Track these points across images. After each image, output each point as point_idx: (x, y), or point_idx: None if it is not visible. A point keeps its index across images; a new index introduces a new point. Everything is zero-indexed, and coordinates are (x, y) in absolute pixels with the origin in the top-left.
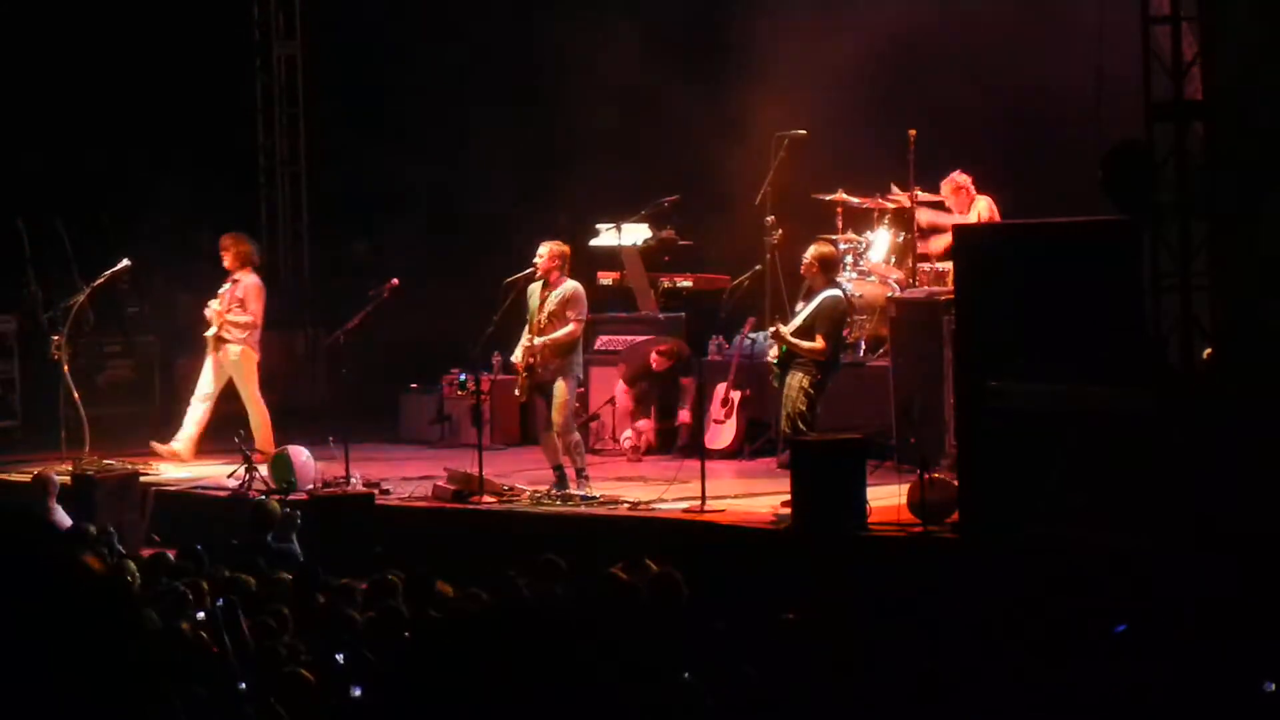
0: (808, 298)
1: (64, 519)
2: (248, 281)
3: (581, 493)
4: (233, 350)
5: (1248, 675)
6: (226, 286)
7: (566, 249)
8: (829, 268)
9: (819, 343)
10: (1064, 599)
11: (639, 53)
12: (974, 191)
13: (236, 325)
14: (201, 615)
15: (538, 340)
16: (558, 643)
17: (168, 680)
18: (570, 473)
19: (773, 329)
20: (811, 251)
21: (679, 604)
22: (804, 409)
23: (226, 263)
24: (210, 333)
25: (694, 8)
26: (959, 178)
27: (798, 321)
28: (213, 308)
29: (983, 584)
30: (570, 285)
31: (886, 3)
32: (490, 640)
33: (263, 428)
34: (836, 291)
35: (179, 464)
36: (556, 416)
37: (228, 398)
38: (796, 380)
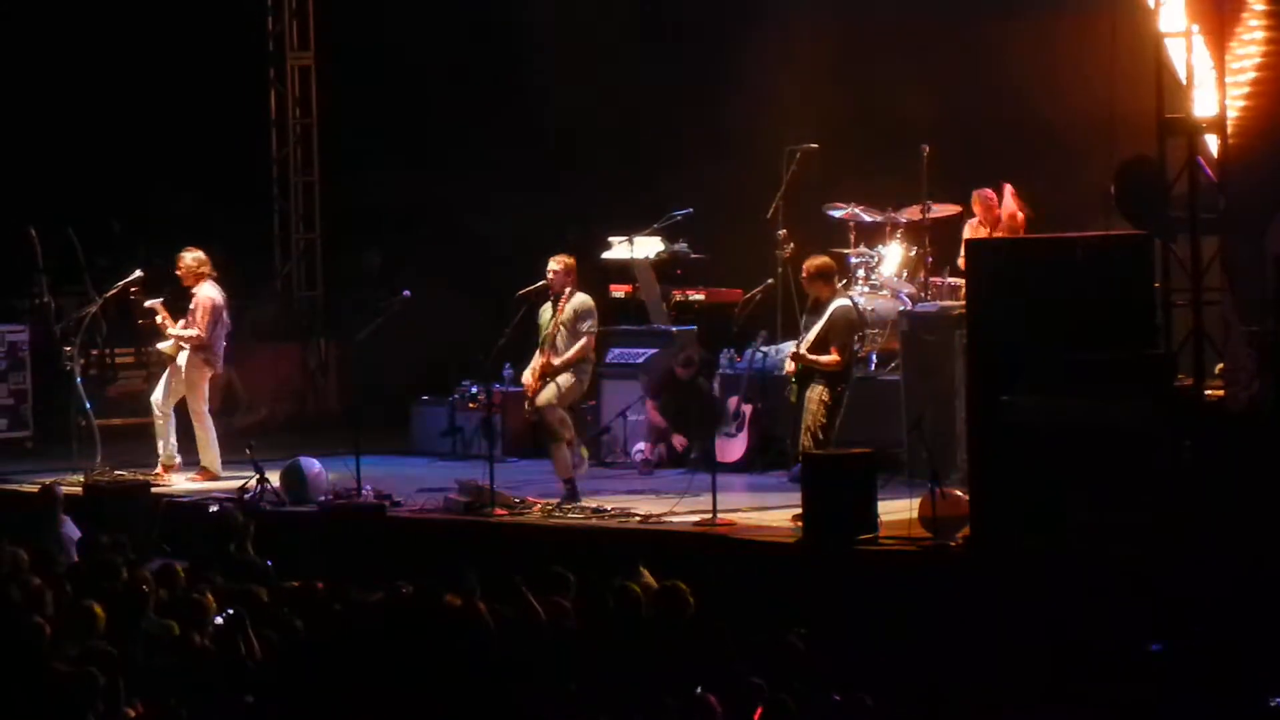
0: (816, 311)
1: (73, 531)
2: (200, 295)
3: (594, 505)
4: (183, 359)
5: (1256, 690)
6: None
7: (574, 261)
8: (827, 277)
9: (834, 355)
10: (1075, 613)
11: (651, 65)
12: (999, 206)
13: (182, 339)
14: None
15: (554, 360)
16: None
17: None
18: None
19: (791, 353)
20: (805, 267)
21: (685, 617)
22: (824, 422)
23: (186, 280)
24: (166, 345)
25: (705, 19)
26: (988, 193)
27: (810, 336)
28: (165, 324)
29: (994, 598)
30: (581, 297)
31: (901, 17)
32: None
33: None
34: (845, 301)
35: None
36: (549, 396)
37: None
38: (816, 394)
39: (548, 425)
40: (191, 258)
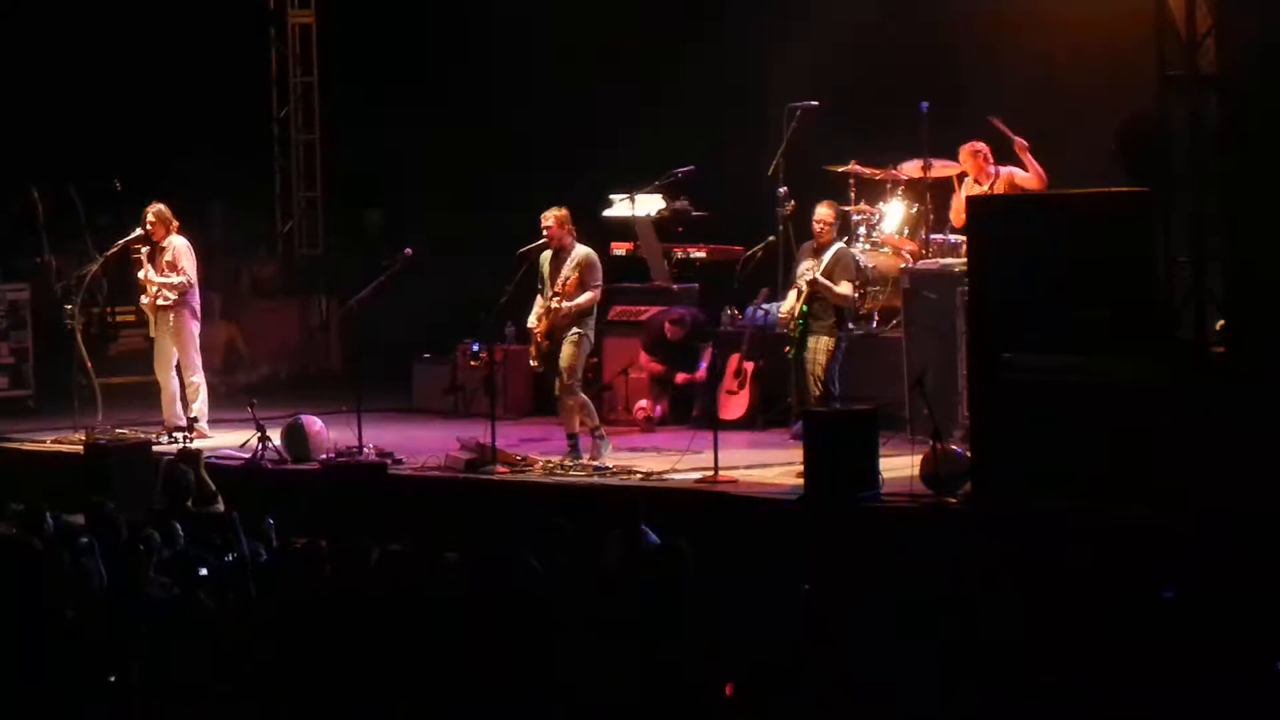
0: (815, 254)
1: None
2: (177, 244)
3: (595, 462)
4: (170, 317)
5: (1258, 654)
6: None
7: (566, 212)
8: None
9: (849, 289)
10: (1075, 569)
11: (653, 21)
12: (993, 160)
13: (170, 287)
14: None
15: (565, 304)
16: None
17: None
18: (585, 438)
19: (809, 279)
20: (826, 209)
21: (683, 575)
22: (831, 369)
23: (156, 234)
24: (145, 301)
25: None
26: (979, 145)
27: (816, 274)
28: (150, 276)
29: (994, 555)
30: (583, 250)
31: None
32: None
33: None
34: (842, 244)
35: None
36: (564, 370)
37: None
38: (822, 344)
39: (565, 380)
40: (163, 208)
